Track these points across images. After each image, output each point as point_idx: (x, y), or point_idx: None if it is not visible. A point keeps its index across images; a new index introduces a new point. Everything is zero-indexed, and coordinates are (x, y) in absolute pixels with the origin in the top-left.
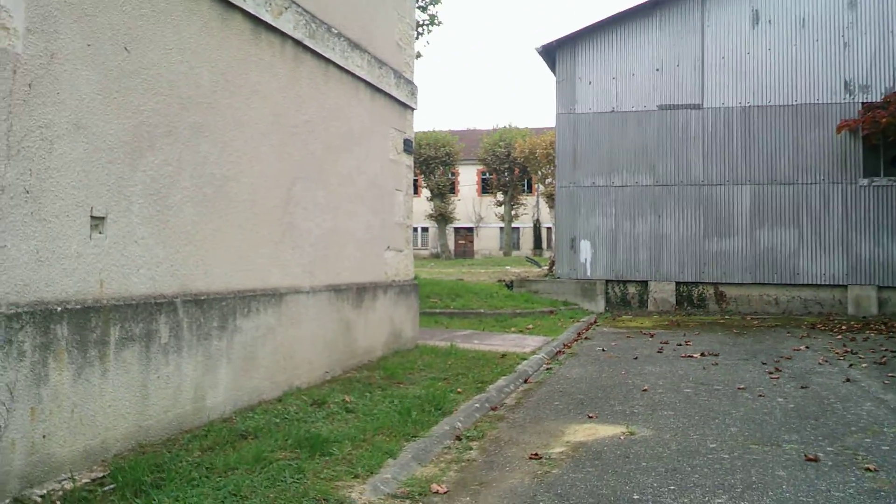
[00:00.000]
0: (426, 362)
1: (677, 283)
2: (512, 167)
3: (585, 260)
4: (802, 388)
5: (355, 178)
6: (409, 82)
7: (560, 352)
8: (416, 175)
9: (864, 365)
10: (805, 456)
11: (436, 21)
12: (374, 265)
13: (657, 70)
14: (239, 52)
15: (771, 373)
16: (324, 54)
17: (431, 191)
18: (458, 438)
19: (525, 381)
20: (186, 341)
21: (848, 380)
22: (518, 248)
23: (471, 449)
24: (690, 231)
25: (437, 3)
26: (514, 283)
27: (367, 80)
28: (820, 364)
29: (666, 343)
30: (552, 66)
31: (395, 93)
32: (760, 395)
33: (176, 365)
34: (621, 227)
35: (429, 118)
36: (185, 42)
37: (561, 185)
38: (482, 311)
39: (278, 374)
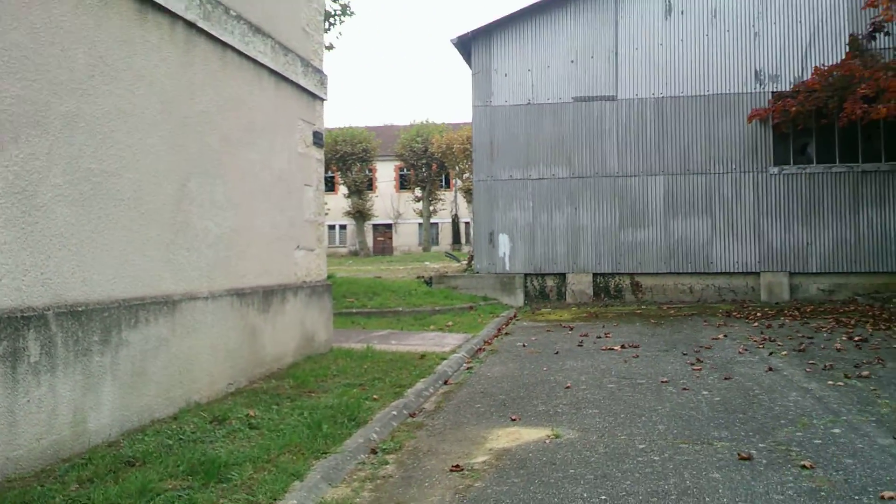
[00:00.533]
0: (340, 367)
1: (594, 275)
2: (430, 163)
3: (504, 254)
4: (726, 379)
5: (259, 173)
6: (318, 71)
7: (480, 349)
8: (332, 172)
9: (783, 352)
10: (738, 455)
11: (348, 11)
12: (282, 266)
13: (572, 62)
14: (121, 33)
15: (693, 364)
16: (221, 38)
17: (349, 188)
18: (374, 452)
19: (445, 383)
20: (62, 359)
21: (770, 369)
22: (437, 243)
23: (387, 463)
24: (606, 222)
25: None
26: (432, 279)
27: (271, 67)
28: (740, 353)
29: (586, 336)
30: (468, 59)
31: (302, 82)
32: (685, 389)
33: (49, 386)
34: (539, 220)
35: (345, 114)
36: (57, 20)
37: (479, 179)
38: (400, 309)
39: (173, 390)
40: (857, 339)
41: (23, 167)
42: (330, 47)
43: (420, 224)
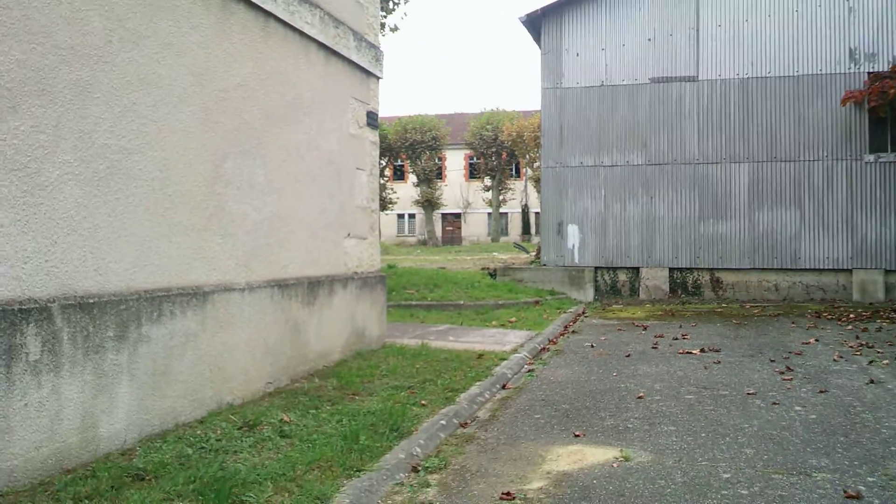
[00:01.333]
0: (391, 366)
1: (671, 270)
2: (499, 151)
3: (573, 246)
4: (821, 392)
5: (305, 154)
6: (373, 46)
7: (544, 349)
8: (402, 160)
9: (885, 362)
10: (844, 492)
11: None
12: (330, 255)
13: (649, 40)
14: None
15: (782, 373)
16: (262, 6)
17: (418, 176)
18: (416, 470)
19: (503, 387)
20: (68, 357)
21: (871, 381)
22: (507, 233)
23: (428, 486)
24: (685, 213)
25: None
26: (497, 271)
27: (320, 40)
28: (835, 361)
29: (661, 337)
30: (537, 38)
31: (355, 57)
32: (774, 403)
33: (52, 387)
34: (611, 210)
35: (415, 101)
36: None
37: (547, 166)
38: (462, 302)
39: (203, 390)
40: None
41: (24, 141)
42: (395, 29)
43: (489, 214)
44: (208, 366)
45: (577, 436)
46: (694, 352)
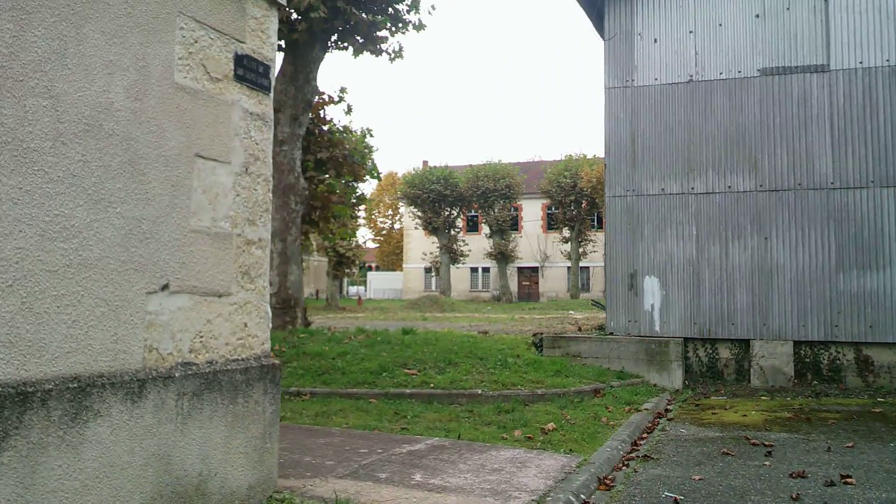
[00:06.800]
0: None
1: (796, 344)
2: (579, 200)
3: (651, 306)
4: None
5: None
6: None
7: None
8: (475, 210)
9: None
10: None
11: None
12: (90, 331)
13: (757, 16)
14: None
15: None
16: None
17: (491, 227)
18: None
19: None
20: None
21: None
22: (588, 289)
23: None
24: (815, 261)
25: None
26: (544, 341)
27: None
28: None
29: (802, 476)
30: (599, 22)
31: None
32: None
33: None
34: (706, 256)
35: (489, 150)
36: None
37: (613, 195)
38: (479, 391)
39: None
40: None
41: None
42: (420, 26)
43: (569, 268)
44: None
45: None
46: None
